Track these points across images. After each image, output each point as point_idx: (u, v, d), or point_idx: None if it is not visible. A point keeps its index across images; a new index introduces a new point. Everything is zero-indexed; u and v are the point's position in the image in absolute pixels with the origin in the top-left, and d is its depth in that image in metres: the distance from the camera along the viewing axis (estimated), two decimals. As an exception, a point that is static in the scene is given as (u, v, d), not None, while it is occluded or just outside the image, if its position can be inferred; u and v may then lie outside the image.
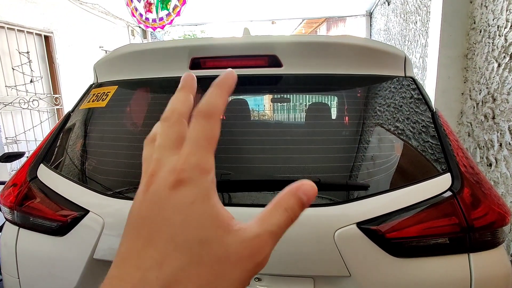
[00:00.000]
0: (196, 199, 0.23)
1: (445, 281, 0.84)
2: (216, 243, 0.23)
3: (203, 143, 0.25)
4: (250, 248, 0.23)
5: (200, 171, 0.24)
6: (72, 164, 1.12)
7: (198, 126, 0.25)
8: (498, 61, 1.79)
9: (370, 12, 6.35)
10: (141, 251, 0.22)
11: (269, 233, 0.24)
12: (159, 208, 0.23)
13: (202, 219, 0.23)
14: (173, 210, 0.23)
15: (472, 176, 0.90)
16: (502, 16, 1.74)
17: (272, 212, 0.25)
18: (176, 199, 0.23)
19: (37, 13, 3.91)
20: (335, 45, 1.11)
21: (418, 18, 3.18)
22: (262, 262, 0.24)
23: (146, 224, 0.23)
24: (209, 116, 0.25)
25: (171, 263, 0.22)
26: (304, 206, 0.25)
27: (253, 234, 0.24)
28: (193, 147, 0.24)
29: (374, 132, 1.04)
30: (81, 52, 4.80)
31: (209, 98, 0.26)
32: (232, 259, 0.23)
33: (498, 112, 1.78)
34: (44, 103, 4.05)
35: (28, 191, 1.05)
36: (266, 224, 0.24)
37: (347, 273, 0.85)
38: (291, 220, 0.25)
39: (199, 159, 0.24)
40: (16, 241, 1.05)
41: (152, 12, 3.43)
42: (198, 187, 0.23)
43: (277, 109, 1.25)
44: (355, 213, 0.86)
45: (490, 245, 0.87)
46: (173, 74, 1.17)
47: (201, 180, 0.24)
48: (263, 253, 0.23)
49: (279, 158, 1.03)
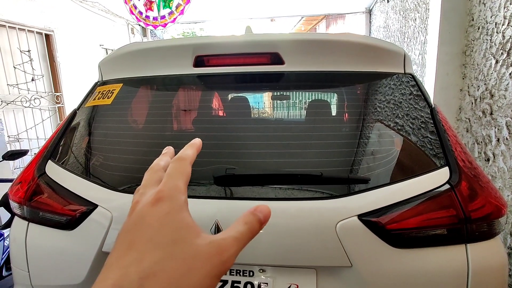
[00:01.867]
0: (172, 210, 0.29)
1: (443, 271, 0.87)
2: (187, 243, 0.27)
3: (177, 175, 0.32)
4: (217, 247, 0.28)
5: (176, 191, 0.31)
6: (79, 160, 1.14)
7: (172, 164, 0.34)
8: (496, 58, 1.81)
9: (370, 9, 6.35)
10: (124, 254, 0.27)
11: (233, 238, 0.29)
12: (141, 219, 0.29)
13: (175, 224, 0.28)
14: (153, 219, 0.28)
15: (470, 170, 0.93)
16: (500, 13, 1.76)
17: (235, 225, 0.31)
18: (155, 211, 0.29)
19: (38, 11, 3.91)
20: (336, 42, 1.13)
21: (417, 15, 3.20)
22: (228, 260, 0.28)
23: (130, 233, 0.28)
24: (181, 159, 0.35)
25: (149, 259, 0.26)
26: (261, 222, 0.32)
27: (219, 237, 0.29)
28: (170, 177, 0.32)
29: (374, 127, 1.06)
30: (82, 50, 4.80)
31: (182, 150, 0.36)
32: (202, 256, 0.27)
33: (496, 108, 1.80)
34: (45, 101, 4.06)
35: (37, 186, 1.07)
36: (230, 232, 0.30)
37: (348, 264, 0.88)
38: (251, 231, 0.31)
39: (174, 183, 0.31)
40: (26, 236, 1.08)
41: (153, 10, 3.43)
42: (174, 203, 0.30)
43: (279, 105, 1.27)
44: (356, 205, 0.89)
45: (487, 236, 0.89)
46: (177, 72, 1.19)
47: (176, 197, 0.30)
48: (228, 252, 0.28)
49: (282, 154, 1.06)
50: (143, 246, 0.27)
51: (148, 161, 0.39)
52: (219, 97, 1.51)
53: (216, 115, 1.42)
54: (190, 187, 1.01)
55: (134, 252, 0.26)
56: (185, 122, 1.26)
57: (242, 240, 0.30)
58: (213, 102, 1.42)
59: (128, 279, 0.25)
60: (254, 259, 0.93)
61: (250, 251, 0.91)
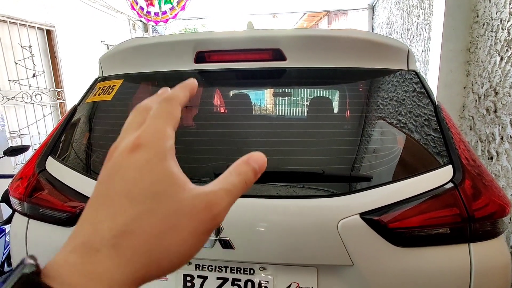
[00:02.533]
0: (152, 158, 0.24)
1: (446, 270, 0.86)
2: (169, 197, 0.24)
3: (162, 117, 0.27)
4: (205, 201, 0.25)
5: (158, 136, 0.26)
6: (80, 156, 1.14)
7: (157, 106, 0.28)
8: (500, 55, 1.79)
9: (372, 5, 6.30)
10: (97, 209, 0.23)
11: (224, 190, 0.26)
12: (117, 169, 0.25)
13: (156, 175, 0.24)
14: (129, 168, 0.24)
15: (474, 168, 0.92)
16: (505, 10, 1.73)
17: (227, 175, 0.27)
18: (132, 160, 0.24)
19: (39, 7, 3.90)
20: (339, 38, 1.11)
21: (421, 12, 3.17)
22: (218, 216, 0.25)
23: (105, 185, 0.24)
24: (169, 99, 0.29)
25: (124, 215, 0.22)
26: (256, 172, 0.28)
27: (208, 190, 0.26)
28: (153, 120, 0.27)
29: (377, 125, 1.05)
30: (83, 46, 4.79)
31: (171, 90, 0.31)
32: (187, 211, 0.24)
33: (500, 105, 1.78)
34: (46, 97, 4.06)
35: (37, 182, 1.07)
36: (221, 183, 0.26)
37: (350, 262, 0.87)
38: (245, 183, 0.27)
39: (157, 127, 0.26)
40: (26, 232, 1.07)
41: (154, 6, 3.41)
42: (155, 149, 0.25)
43: (281, 102, 1.26)
44: (358, 204, 0.88)
45: (490, 235, 0.88)
46: (178, 67, 1.18)
47: (158, 143, 0.25)
48: (219, 207, 0.25)
49: (284, 151, 1.05)
50: (118, 200, 0.23)
51: None
52: (221, 93, 1.50)
53: (217, 112, 1.41)
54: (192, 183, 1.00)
55: (108, 207, 0.23)
56: (185, 119, 1.25)
57: (234, 192, 0.26)
58: (214, 99, 1.41)
59: (99, 236, 0.22)
60: (255, 257, 0.92)
61: (251, 249, 0.91)
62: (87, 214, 0.24)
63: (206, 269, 0.97)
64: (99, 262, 0.21)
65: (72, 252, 0.21)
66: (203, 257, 0.94)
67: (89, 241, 0.22)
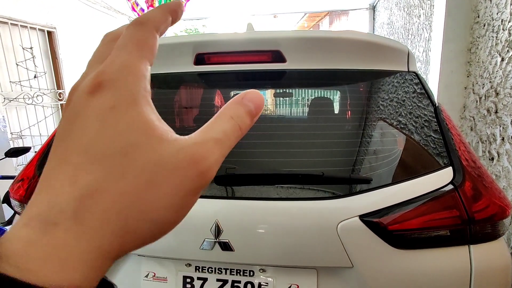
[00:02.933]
0: (118, 103, 0.19)
1: (446, 272, 0.86)
2: (143, 151, 0.19)
3: (132, 47, 0.21)
4: (191, 154, 0.20)
5: (126, 71, 0.20)
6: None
7: (126, 32, 0.22)
8: (501, 55, 1.78)
9: (373, 5, 6.30)
10: (54, 171, 0.19)
11: (213, 139, 0.21)
12: (75, 117, 0.19)
13: (124, 125, 0.19)
14: (89, 117, 0.19)
15: (474, 170, 0.92)
16: (506, 10, 1.73)
17: (217, 121, 0.22)
18: (93, 105, 0.19)
19: (40, 8, 3.91)
20: (339, 40, 1.11)
21: (422, 12, 3.16)
22: (207, 172, 0.20)
23: (63, 139, 0.19)
24: (141, 23, 0.22)
25: (86, 177, 0.18)
26: (252, 114, 0.23)
27: (192, 142, 0.21)
28: (119, 51, 0.21)
29: (377, 126, 1.05)
30: (84, 47, 4.80)
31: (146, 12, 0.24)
32: (167, 167, 0.19)
33: (501, 106, 1.78)
34: (48, 98, 4.07)
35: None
36: (209, 132, 0.21)
37: (349, 264, 0.87)
38: (239, 128, 0.22)
39: (125, 61, 0.20)
40: (27, 234, 1.08)
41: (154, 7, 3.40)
42: (122, 90, 0.19)
43: (281, 104, 1.26)
44: (358, 206, 0.88)
45: (491, 237, 0.88)
46: (178, 69, 1.18)
47: (127, 83, 0.20)
48: (207, 161, 0.20)
49: (283, 153, 1.05)
50: (77, 158, 0.18)
51: None
52: (221, 95, 1.50)
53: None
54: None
55: (66, 169, 0.18)
56: (185, 121, 1.25)
57: (226, 142, 0.21)
58: (215, 100, 1.41)
59: (57, 208, 0.17)
60: (255, 259, 0.92)
61: (251, 251, 0.91)
62: (43, 181, 0.19)
63: (205, 270, 0.97)
64: (58, 237, 0.17)
65: (25, 226, 0.17)
66: (202, 259, 0.94)
67: (44, 212, 0.17)
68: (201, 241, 0.90)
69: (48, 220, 0.17)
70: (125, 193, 0.18)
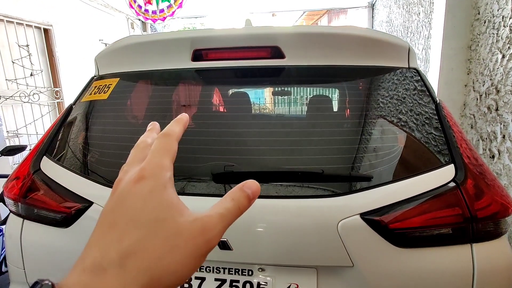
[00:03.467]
0: (154, 189, 0.28)
1: (448, 271, 0.84)
2: (170, 221, 0.27)
3: (162, 151, 0.31)
4: (201, 225, 0.27)
5: (159, 169, 0.29)
6: (75, 156, 1.12)
7: (157, 141, 0.32)
8: (502, 52, 1.77)
9: (372, 3, 6.28)
10: (105, 233, 0.26)
11: (218, 214, 0.28)
12: (123, 198, 0.28)
13: (158, 203, 0.27)
14: (135, 198, 0.27)
15: (476, 167, 0.90)
16: (507, 6, 1.71)
17: (222, 201, 0.30)
18: (137, 190, 0.28)
19: (36, 5, 3.87)
20: (339, 36, 1.09)
21: (421, 9, 3.15)
22: (212, 240, 0.27)
23: (112, 212, 0.27)
24: (166, 135, 0.33)
25: (130, 238, 0.25)
26: (250, 199, 0.30)
27: (204, 215, 0.28)
28: (154, 154, 0.31)
29: (378, 124, 1.03)
30: (81, 45, 4.77)
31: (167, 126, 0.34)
32: (185, 235, 0.26)
33: (502, 103, 1.76)
34: (44, 96, 4.04)
35: (32, 183, 1.05)
36: (216, 208, 0.29)
37: (350, 263, 0.86)
38: (239, 208, 0.30)
39: (159, 161, 0.30)
40: (21, 233, 1.06)
41: (152, 4, 3.39)
42: (157, 181, 0.28)
43: (279, 101, 1.24)
44: (359, 204, 0.86)
45: (493, 236, 0.87)
46: (175, 66, 1.16)
47: (160, 175, 0.29)
48: (213, 231, 0.28)
49: (282, 150, 1.03)
50: (124, 225, 0.26)
51: None
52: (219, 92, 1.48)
53: (215, 111, 1.39)
54: (190, 183, 0.98)
55: (115, 232, 0.26)
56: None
57: (228, 217, 0.29)
58: (213, 97, 1.39)
59: (108, 258, 0.24)
60: (254, 258, 0.91)
61: (250, 250, 0.89)
62: (95, 239, 0.26)
63: (203, 270, 0.95)
64: (107, 281, 0.23)
65: (82, 272, 0.24)
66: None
67: (97, 262, 0.24)
68: None
69: (100, 267, 0.24)
70: (155, 255, 0.25)
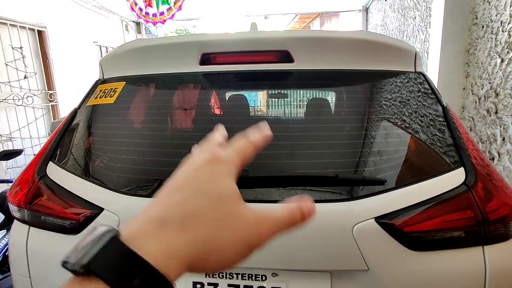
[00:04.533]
0: (224, 173, 0.30)
1: (461, 273, 0.85)
2: (230, 202, 0.28)
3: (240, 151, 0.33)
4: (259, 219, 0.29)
5: (232, 160, 0.31)
6: (83, 161, 1.10)
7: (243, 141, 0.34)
8: (501, 57, 1.81)
9: (367, 7, 6.35)
10: (171, 194, 0.28)
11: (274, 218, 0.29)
12: (195, 170, 0.30)
13: (224, 184, 0.29)
14: (205, 173, 0.29)
15: (483, 168, 0.92)
16: (505, 12, 1.75)
17: (279, 209, 0.30)
18: (210, 168, 0.30)
19: (30, 7, 3.81)
20: (348, 40, 1.10)
21: (417, 14, 3.19)
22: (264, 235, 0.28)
23: (180, 179, 0.30)
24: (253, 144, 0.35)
25: (193, 203, 0.27)
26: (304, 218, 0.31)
27: (262, 212, 0.29)
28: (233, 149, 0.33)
29: (390, 128, 1.04)
30: (75, 47, 4.71)
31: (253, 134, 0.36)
32: (243, 220, 0.28)
33: (501, 106, 1.80)
34: (38, 99, 3.97)
35: (38, 189, 1.03)
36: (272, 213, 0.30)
37: (365, 267, 0.86)
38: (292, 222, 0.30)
39: (234, 156, 0.32)
40: (27, 240, 1.03)
41: (152, 7, 3.37)
42: (228, 167, 0.30)
43: (289, 105, 1.24)
44: (373, 207, 0.87)
45: (503, 238, 0.88)
46: (182, 69, 1.15)
47: (232, 165, 0.31)
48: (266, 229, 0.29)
49: (296, 154, 1.03)
50: (190, 191, 0.28)
51: (154, 162, 0.37)
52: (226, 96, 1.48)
53: (223, 114, 1.38)
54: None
55: (181, 194, 0.27)
56: (190, 122, 1.22)
57: (281, 225, 0.29)
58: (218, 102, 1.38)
59: (171, 214, 0.26)
60: (267, 263, 0.90)
61: (263, 255, 0.89)
62: (160, 197, 0.28)
63: (216, 275, 0.94)
64: (169, 235, 0.25)
65: (146, 223, 0.25)
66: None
67: (161, 216, 0.26)
68: None
69: (163, 221, 0.25)
70: (212, 226, 0.26)
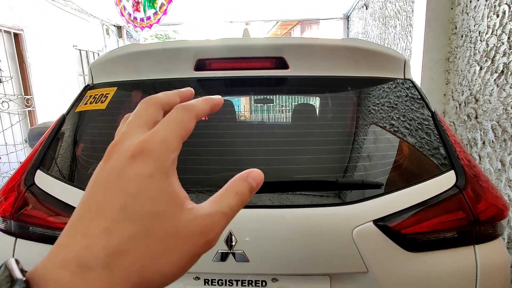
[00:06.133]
0: (154, 173, 0.23)
1: (455, 271, 0.89)
2: (168, 218, 0.23)
3: (174, 125, 0.25)
4: (202, 225, 0.24)
5: (165, 146, 0.24)
6: (73, 169, 1.06)
7: (174, 112, 0.26)
8: (480, 65, 1.90)
9: (347, 15, 6.53)
10: (92, 218, 0.22)
11: (221, 213, 0.25)
12: (116, 176, 0.23)
13: (157, 193, 0.23)
14: (130, 180, 0.23)
15: (470, 169, 0.96)
16: (483, 23, 1.85)
17: (224, 195, 0.26)
18: (134, 170, 0.23)
19: (6, 8, 3.67)
20: (341, 47, 1.13)
21: (398, 23, 3.31)
22: (212, 240, 0.24)
23: (101, 192, 0.23)
24: (187, 109, 0.27)
25: (120, 233, 0.22)
26: (253, 191, 0.27)
27: (205, 213, 0.24)
28: (164, 126, 0.25)
29: (382, 133, 1.07)
30: (54, 51, 4.56)
31: (193, 101, 0.29)
32: (183, 235, 0.23)
33: (481, 112, 1.89)
34: (14, 104, 3.81)
35: (26, 199, 0.99)
36: (218, 206, 0.25)
37: (364, 269, 0.88)
38: (242, 203, 0.26)
39: (167, 136, 0.25)
40: (14, 253, 0.98)
41: (140, 11, 3.33)
42: (158, 162, 0.24)
43: (284, 110, 1.25)
44: (371, 211, 0.89)
45: (492, 237, 0.93)
46: (177, 75, 1.14)
47: (163, 156, 0.24)
48: (214, 231, 0.24)
49: (293, 160, 1.04)
50: (114, 214, 0.22)
51: None
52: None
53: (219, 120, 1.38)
54: (200, 194, 0.96)
55: (103, 220, 0.22)
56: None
57: (231, 215, 0.26)
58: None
59: (93, 254, 0.21)
60: (267, 268, 0.90)
61: (263, 261, 0.89)
62: (79, 223, 0.22)
63: (215, 283, 0.93)
64: (91, 281, 0.20)
65: (63, 267, 0.20)
66: (214, 271, 0.90)
67: (81, 258, 0.21)
68: (213, 252, 0.87)
69: (85, 265, 0.20)
70: (147, 257, 0.22)
